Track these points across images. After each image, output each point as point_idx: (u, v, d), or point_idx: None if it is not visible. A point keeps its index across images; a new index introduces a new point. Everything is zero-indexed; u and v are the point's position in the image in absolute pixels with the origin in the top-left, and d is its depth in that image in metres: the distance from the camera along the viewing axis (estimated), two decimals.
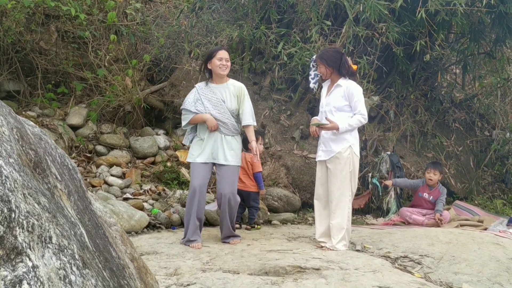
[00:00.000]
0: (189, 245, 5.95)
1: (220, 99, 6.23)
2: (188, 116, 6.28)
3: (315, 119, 6.33)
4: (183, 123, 6.35)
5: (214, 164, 6.24)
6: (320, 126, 6.07)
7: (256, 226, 7.44)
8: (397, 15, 8.83)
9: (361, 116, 6.05)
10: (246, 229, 7.39)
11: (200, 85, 6.40)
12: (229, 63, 6.31)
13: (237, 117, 6.33)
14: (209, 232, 6.69)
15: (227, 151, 6.22)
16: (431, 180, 8.40)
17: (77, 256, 1.98)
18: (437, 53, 9.74)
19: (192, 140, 6.38)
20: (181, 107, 6.41)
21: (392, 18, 8.73)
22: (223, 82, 6.33)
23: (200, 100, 6.24)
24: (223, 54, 6.25)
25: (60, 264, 1.87)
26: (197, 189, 6.04)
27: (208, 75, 6.39)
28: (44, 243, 1.86)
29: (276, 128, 9.13)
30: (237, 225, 7.15)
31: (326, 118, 6.10)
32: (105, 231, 2.60)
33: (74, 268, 1.93)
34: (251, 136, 6.30)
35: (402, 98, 10.39)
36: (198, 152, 6.18)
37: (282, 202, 8.35)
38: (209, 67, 6.28)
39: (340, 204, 6.01)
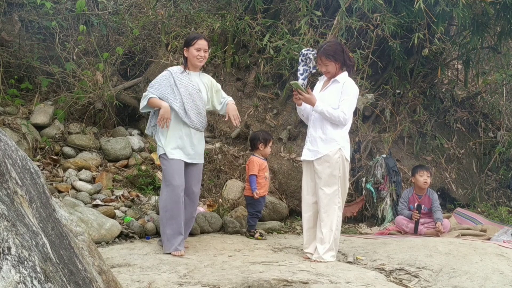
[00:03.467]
0: (172, 253, 6.02)
1: (197, 88, 6.34)
2: (147, 96, 6.23)
3: (297, 82, 6.26)
4: (142, 103, 6.28)
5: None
6: (298, 90, 6.08)
7: (257, 234, 7.45)
8: (394, 5, 8.88)
9: (343, 114, 6.02)
10: (246, 236, 7.48)
11: (174, 70, 6.41)
12: (207, 54, 6.45)
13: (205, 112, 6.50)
14: (186, 242, 6.67)
15: (201, 149, 6.46)
16: (426, 183, 8.39)
17: (38, 269, 1.98)
18: (437, 47, 9.80)
19: (157, 131, 6.38)
20: (149, 89, 6.29)
21: (388, 9, 8.77)
22: (197, 71, 6.47)
23: (175, 86, 6.25)
24: (202, 44, 6.33)
25: (20, 277, 1.87)
26: (180, 188, 6.15)
27: (184, 62, 6.46)
28: (2, 255, 1.86)
29: (262, 128, 9.13)
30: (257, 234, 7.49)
31: (307, 88, 6.12)
32: (71, 241, 2.60)
33: (35, 282, 1.93)
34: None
35: (399, 96, 10.45)
36: (175, 146, 6.23)
37: (268, 210, 8.35)
38: (185, 54, 6.37)
39: (329, 212, 6.02)
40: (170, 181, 6.18)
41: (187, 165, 6.32)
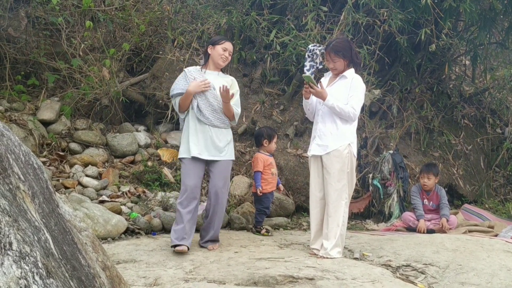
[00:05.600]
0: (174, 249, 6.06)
1: (211, 86, 6.30)
2: (175, 102, 6.38)
3: (310, 76, 6.25)
4: (177, 109, 6.40)
5: (206, 162, 6.33)
6: (310, 83, 6.05)
7: (263, 231, 7.46)
8: (400, 1, 8.84)
9: (352, 110, 6.02)
10: (253, 232, 7.49)
11: (190, 69, 6.52)
12: (230, 58, 6.54)
13: None
14: (192, 238, 6.67)
15: (223, 145, 6.35)
16: (426, 185, 8.40)
17: (40, 264, 1.97)
18: (444, 42, 9.76)
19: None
20: (171, 94, 6.45)
21: (395, 4, 8.73)
22: (217, 70, 6.49)
23: (189, 83, 6.28)
24: (229, 46, 6.47)
25: (21, 273, 1.86)
26: (190, 189, 6.16)
27: (204, 60, 6.54)
28: (3, 250, 1.85)
29: (268, 124, 9.11)
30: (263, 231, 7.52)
31: (319, 82, 6.11)
32: (74, 237, 2.59)
33: (37, 278, 1.92)
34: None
35: (406, 92, 10.40)
36: (193, 144, 6.24)
37: (274, 206, 8.33)
38: (209, 51, 6.45)
39: (337, 207, 6.00)
40: (183, 181, 6.27)
41: (209, 162, 6.33)
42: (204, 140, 6.24)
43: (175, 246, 6.01)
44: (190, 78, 6.31)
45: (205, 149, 6.24)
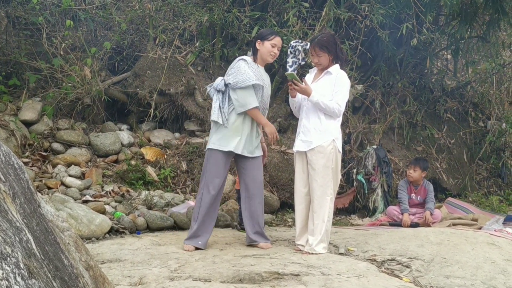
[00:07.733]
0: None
1: (267, 82, 6.35)
2: (253, 95, 6.17)
3: (293, 74, 6.23)
4: (250, 100, 6.14)
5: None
6: (294, 81, 6.04)
7: None
8: None
9: (337, 105, 6.02)
10: (237, 229, 7.49)
11: (249, 60, 6.29)
12: (278, 53, 6.39)
13: None
14: (177, 237, 6.66)
15: (258, 141, 6.37)
16: (410, 176, 8.42)
17: (22, 265, 1.95)
18: (425, 37, 9.78)
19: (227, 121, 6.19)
20: (244, 84, 6.09)
21: None
22: (263, 65, 6.42)
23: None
24: (278, 41, 6.30)
25: (3, 274, 1.84)
26: (220, 185, 6.26)
27: (253, 54, 6.40)
28: None
29: None
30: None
31: (302, 79, 6.11)
32: (56, 237, 2.57)
33: (19, 278, 1.90)
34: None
35: (389, 87, 10.43)
36: (235, 140, 6.14)
37: None
38: (257, 47, 6.29)
39: (322, 203, 6.00)
40: (212, 176, 6.19)
41: (247, 158, 6.25)
42: (252, 137, 6.21)
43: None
44: (255, 71, 6.17)
45: (255, 144, 6.25)
